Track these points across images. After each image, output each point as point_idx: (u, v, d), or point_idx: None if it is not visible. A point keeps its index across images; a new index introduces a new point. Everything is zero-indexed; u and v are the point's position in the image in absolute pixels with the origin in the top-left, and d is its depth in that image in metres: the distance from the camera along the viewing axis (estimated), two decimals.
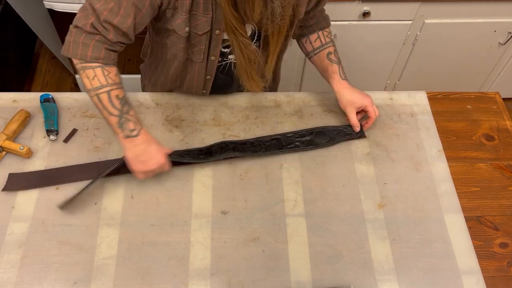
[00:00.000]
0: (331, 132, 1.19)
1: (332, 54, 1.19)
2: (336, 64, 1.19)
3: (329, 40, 1.21)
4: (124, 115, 0.99)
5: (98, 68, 0.98)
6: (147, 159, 1.01)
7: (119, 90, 1.00)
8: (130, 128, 0.99)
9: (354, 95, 1.16)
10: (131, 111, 1.01)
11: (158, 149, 1.02)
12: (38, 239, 1.00)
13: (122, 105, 0.99)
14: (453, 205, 1.08)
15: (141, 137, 1.00)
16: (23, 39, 2.41)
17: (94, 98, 0.99)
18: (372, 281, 0.98)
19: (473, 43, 1.94)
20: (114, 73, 1.00)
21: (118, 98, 0.99)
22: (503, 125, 1.25)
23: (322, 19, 1.20)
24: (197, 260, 0.99)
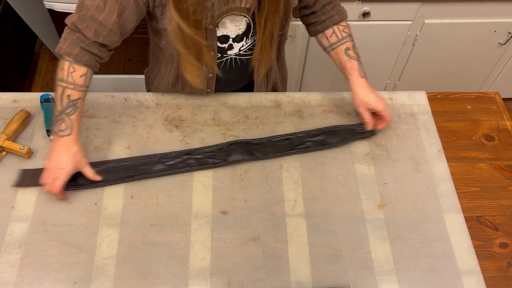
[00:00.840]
0: (343, 132, 1.18)
1: (350, 50, 1.17)
2: (355, 60, 1.16)
3: (346, 35, 1.18)
4: (64, 115, 1.02)
5: (67, 62, 1.02)
6: (52, 159, 1.02)
7: (75, 91, 1.02)
8: (61, 128, 1.02)
9: (370, 96, 1.14)
10: (73, 116, 1.02)
11: (67, 160, 1.01)
12: (38, 239, 1.00)
13: (68, 106, 1.02)
14: (453, 205, 1.08)
15: (66, 139, 1.02)
16: (23, 39, 2.41)
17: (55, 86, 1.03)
18: (372, 281, 0.98)
19: (473, 43, 1.94)
20: (79, 73, 1.02)
21: (69, 99, 1.02)
22: (503, 125, 1.25)
23: (336, 13, 1.16)
24: (197, 260, 0.99)
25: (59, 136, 1.02)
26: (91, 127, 1.18)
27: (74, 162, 1.02)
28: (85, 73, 1.03)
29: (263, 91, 1.28)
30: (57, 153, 1.02)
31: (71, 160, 1.02)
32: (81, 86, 1.03)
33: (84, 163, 1.05)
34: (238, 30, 1.08)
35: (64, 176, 1.01)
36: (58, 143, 1.02)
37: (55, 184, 1.01)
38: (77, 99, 1.03)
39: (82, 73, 1.02)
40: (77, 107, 1.03)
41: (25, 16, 1.96)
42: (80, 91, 1.03)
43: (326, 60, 2.00)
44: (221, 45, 1.10)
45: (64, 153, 1.02)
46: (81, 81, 1.03)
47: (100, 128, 1.18)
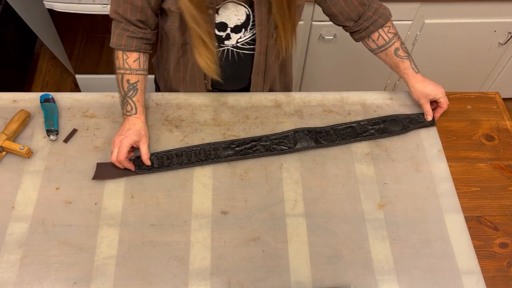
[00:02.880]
0: (404, 120, 1.21)
1: (400, 50, 1.20)
2: (407, 59, 1.19)
3: (392, 36, 1.20)
4: (127, 98, 1.13)
5: (120, 51, 1.13)
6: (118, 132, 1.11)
7: (132, 75, 1.13)
8: (128, 109, 1.13)
9: (429, 87, 1.18)
10: (135, 97, 1.13)
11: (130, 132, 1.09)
12: (38, 239, 1.00)
13: (128, 89, 1.13)
14: (453, 205, 1.08)
15: (132, 118, 1.12)
16: (23, 39, 2.41)
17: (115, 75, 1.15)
18: (372, 281, 0.98)
19: (473, 43, 1.94)
20: (133, 59, 1.13)
21: (128, 83, 1.13)
22: (503, 125, 1.25)
23: (379, 17, 1.17)
24: (197, 260, 0.99)
25: (127, 116, 1.13)
26: (91, 127, 1.18)
27: (136, 134, 1.10)
28: (138, 58, 1.13)
29: (259, 91, 1.29)
30: (124, 127, 1.11)
31: (134, 132, 1.10)
32: (137, 70, 1.13)
33: (145, 139, 1.12)
34: (237, 20, 1.09)
35: (126, 144, 1.08)
36: (126, 121, 1.12)
37: (120, 152, 1.07)
38: (136, 81, 1.13)
39: (135, 58, 1.13)
40: (137, 89, 1.13)
41: (25, 16, 1.96)
42: (137, 75, 1.13)
43: (326, 60, 2.01)
44: (218, 33, 1.11)
45: (129, 126, 1.11)
46: (136, 65, 1.13)
47: (100, 128, 1.18)
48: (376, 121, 1.21)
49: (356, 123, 1.20)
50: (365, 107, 1.25)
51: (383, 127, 1.20)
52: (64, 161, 1.12)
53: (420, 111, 1.25)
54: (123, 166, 1.09)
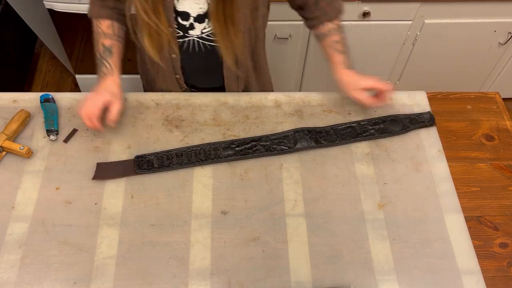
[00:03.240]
0: (404, 120, 1.21)
1: (338, 43, 1.18)
2: (342, 54, 1.18)
3: (336, 27, 1.19)
4: (103, 60, 1.16)
5: (94, 20, 1.18)
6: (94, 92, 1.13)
7: (106, 39, 1.16)
8: (104, 71, 1.16)
9: (356, 78, 1.17)
10: (110, 59, 1.16)
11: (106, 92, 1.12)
12: (38, 239, 1.00)
13: (103, 51, 1.16)
14: (453, 205, 1.08)
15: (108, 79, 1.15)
16: (23, 39, 2.41)
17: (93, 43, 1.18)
18: (372, 281, 0.98)
19: (473, 43, 1.94)
20: (105, 25, 1.17)
21: (103, 46, 1.16)
22: (503, 125, 1.25)
23: (331, 10, 1.17)
24: (197, 260, 0.99)
25: (102, 77, 1.15)
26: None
27: (111, 94, 1.12)
28: (111, 25, 1.17)
29: (234, 89, 1.27)
30: (99, 87, 1.14)
31: (110, 93, 1.12)
32: (111, 35, 1.17)
33: (118, 100, 1.13)
34: (199, 9, 1.08)
35: (100, 100, 1.10)
36: (101, 81, 1.15)
37: (93, 107, 1.09)
38: (110, 46, 1.16)
39: (108, 24, 1.17)
40: (112, 53, 1.16)
41: (25, 16, 1.96)
42: (111, 39, 1.17)
43: (326, 60, 2.01)
44: (182, 22, 1.10)
45: (105, 87, 1.14)
46: (110, 31, 1.17)
47: None
48: (376, 121, 1.21)
49: (356, 123, 1.20)
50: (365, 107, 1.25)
51: (383, 127, 1.20)
52: (64, 161, 1.12)
53: (420, 111, 1.25)
54: (92, 124, 1.10)
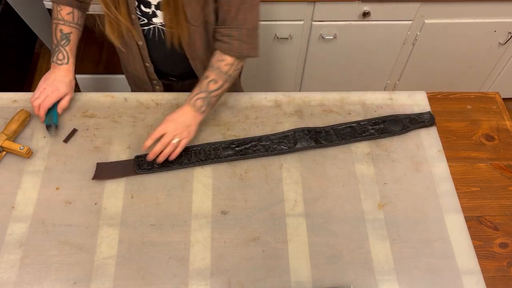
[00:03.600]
0: (404, 120, 1.21)
1: (209, 80, 1.10)
2: (202, 94, 1.10)
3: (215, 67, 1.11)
4: (59, 46, 1.16)
5: (55, 4, 1.17)
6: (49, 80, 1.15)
7: (65, 26, 1.16)
8: (59, 57, 1.16)
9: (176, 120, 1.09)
10: (67, 46, 1.16)
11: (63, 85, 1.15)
12: (38, 239, 1.00)
13: (61, 38, 1.16)
14: (453, 205, 1.08)
15: (63, 67, 1.16)
16: (23, 39, 2.41)
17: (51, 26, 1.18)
18: (372, 281, 0.98)
19: (473, 43, 1.94)
20: (66, 11, 1.16)
21: (61, 32, 1.16)
22: (503, 125, 1.25)
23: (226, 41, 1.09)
24: (197, 260, 0.99)
25: (57, 65, 1.16)
26: (91, 127, 1.18)
27: (66, 87, 1.15)
28: (71, 12, 1.17)
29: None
30: (54, 76, 1.15)
31: (66, 86, 1.15)
32: (70, 22, 1.17)
33: (72, 92, 1.18)
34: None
35: (55, 98, 1.14)
36: (56, 69, 1.15)
37: (46, 101, 1.13)
38: (69, 33, 1.17)
39: (68, 11, 1.17)
40: (70, 40, 1.17)
41: (25, 16, 1.96)
42: (70, 27, 1.17)
43: (326, 60, 2.02)
44: (145, 10, 1.10)
45: (61, 77, 1.15)
46: (69, 18, 1.17)
47: (100, 128, 1.18)
48: (376, 121, 1.21)
49: (356, 123, 1.20)
50: (365, 107, 1.25)
51: (383, 127, 1.20)
52: (64, 161, 1.12)
53: (420, 111, 1.25)
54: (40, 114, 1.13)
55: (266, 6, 1.74)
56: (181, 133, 1.08)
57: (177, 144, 1.08)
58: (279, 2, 1.73)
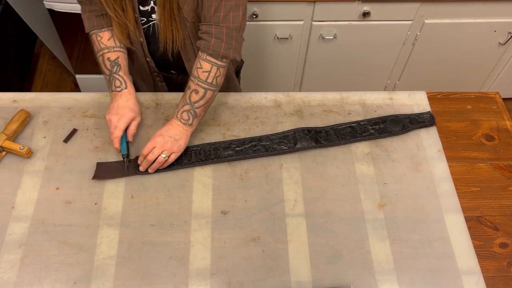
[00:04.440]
0: (404, 120, 1.21)
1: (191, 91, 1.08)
2: (186, 105, 1.08)
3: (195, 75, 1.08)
4: (113, 74, 1.14)
5: (93, 35, 1.16)
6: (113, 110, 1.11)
7: (110, 53, 1.15)
8: (117, 85, 1.14)
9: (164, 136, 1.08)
10: (120, 71, 1.14)
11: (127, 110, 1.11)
12: (38, 239, 1.00)
13: (112, 66, 1.14)
14: (453, 205, 1.08)
15: (124, 92, 1.14)
16: (23, 39, 2.41)
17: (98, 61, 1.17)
18: (372, 281, 0.98)
19: (473, 43, 1.94)
20: (106, 37, 1.15)
21: (109, 61, 1.14)
22: (503, 125, 1.25)
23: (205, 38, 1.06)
24: (197, 260, 0.99)
25: (117, 92, 1.13)
26: (91, 127, 1.18)
27: (132, 111, 1.12)
28: (111, 36, 1.15)
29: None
30: (117, 104, 1.12)
31: (130, 110, 1.12)
32: (113, 47, 1.15)
33: (139, 116, 1.14)
34: None
35: (123, 125, 1.09)
36: (117, 97, 1.13)
37: (116, 132, 1.09)
38: (116, 58, 1.15)
39: (108, 36, 1.16)
40: (120, 64, 1.15)
41: (25, 16, 1.96)
42: (115, 52, 1.15)
43: (326, 60, 2.01)
44: (143, 8, 1.10)
45: (124, 103, 1.12)
46: (111, 43, 1.15)
47: (100, 128, 1.18)
48: (376, 121, 1.21)
49: (356, 123, 1.20)
50: (365, 107, 1.25)
51: (383, 127, 1.20)
52: (64, 161, 1.12)
53: (420, 111, 1.25)
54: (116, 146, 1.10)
55: (266, 6, 1.74)
56: (170, 148, 1.07)
57: (164, 160, 1.08)
58: (279, 2, 1.73)
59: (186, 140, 1.11)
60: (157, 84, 1.35)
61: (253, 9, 1.75)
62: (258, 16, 1.78)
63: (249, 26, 1.76)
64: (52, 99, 1.23)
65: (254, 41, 1.88)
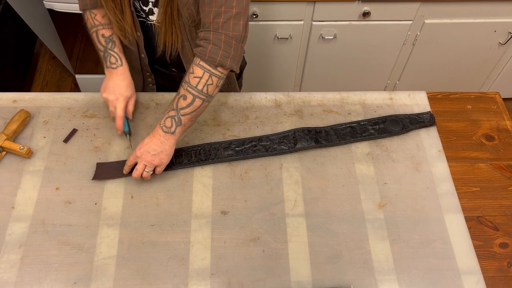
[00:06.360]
0: (404, 120, 1.21)
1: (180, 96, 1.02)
2: (172, 111, 1.03)
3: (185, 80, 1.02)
4: (108, 50, 1.13)
5: (87, 12, 1.15)
6: (110, 88, 1.12)
7: (105, 29, 1.14)
8: (112, 61, 1.13)
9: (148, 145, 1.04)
10: (115, 48, 1.14)
11: (125, 88, 1.12)
12: (38, 239, 1.00)
13: (106, 42, 1.14)
14: (453, 205, 1.08)
15: (119, 70, 1.13)
16: (23, 39, 2.41)
17: (91, 37, 1.16)
18: (372, 281, 0.98)
19: (473, 43, 1.94)
20: (101, 15, 1.14)
21: (104, 37, 1.14)
22: (503, 125, 1.25)
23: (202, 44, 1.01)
24: (197, 260, 0.99)
25: (112, 69, 1.13)
26: (91, 127, 1.18)
27: (128, 89, 1.13)
28: (106, 14, 1.12)
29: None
30: (113, 82, 1.12)
31: (128, 88, 1.13)
32: (108, 24, 1.14)
33: (135, 94, 1.16)
34: None
35: (122, 104, 1.11)
36: (113, 75, 1.13)
37: (118, 113, 1.10)
38: (111, 34, 1.14)
39: (103, 14, 1.14)
40: (115, 41, 1.14)
41: (25, 16, 1.95)
42: (110, 29, 1.14)
43: (326, 60, 2.02)
44: (143, 7, 1.10)
45: (121, 81, 1.12)
46: (106, 20, 1.14)
47: (100, 128, 1.18)
48: (376, 121, 1.21)
49: (356, 123, 1.20)
50: (365, 107, 1.25)
51: (383, 127, 1.20)
52: (64, 161, 1.12)
53: (420, 111, 1.25)
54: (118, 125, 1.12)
55: (266, 6, 1.74)
56: (151, 162, 1.03)
57: (150, 174, 1.06)
58: (279, 2, 1.73)
59: (169, 152, 1.04)
60: (147, 85, 1.34)
61: (253, 9, 1.75)
62: (258, 16, 1.78)
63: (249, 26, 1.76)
64: (52, 99, 1.23)
65: (254, 41, 1.88)
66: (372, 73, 2.10)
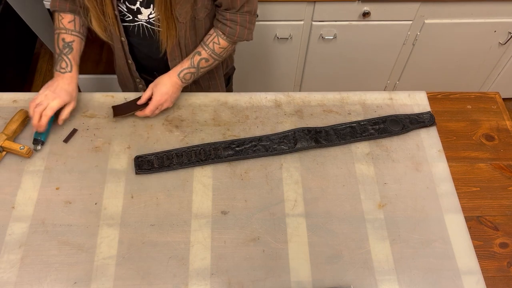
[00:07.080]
0: (404, 120, 1.21)
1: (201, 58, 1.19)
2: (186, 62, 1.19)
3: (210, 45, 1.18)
4: (62, 55, 1.15)
5: (56, 13, 1.18)
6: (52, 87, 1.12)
7: (67, 35, 1.17)
8: (63, 66, 1.15)
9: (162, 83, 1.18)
10: (70, 55, 1.16)
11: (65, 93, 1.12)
12: (38, 239, 1.00)
13: (63, 47, 1.16)
14: (453, 205, 1.08)
15: (67, 75, 1.14)
16: (23, 39, 2.41)
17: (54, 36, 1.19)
18: (372, 281, 0.98)
19: (473, 43, 1.94)
20: (67, 20, 1.17)
21: (63, 41, 1.16)
22: (503, 125, 1.25)
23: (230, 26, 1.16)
24: (197, 260, 0.99)
25: (60, 73, 1.14)
26: (91, 127, 1.18)
27: (68, 95, 1.13)
28: (73, 20, 1.17)
29: None
30: (57, 84, 1.13)
31: (68, 94, 1.13)
32: (72, 30, 1.17)
33: (74, 101, 1.16)
34: None
35: (57, 105, 1.11)
36: (60, 78, 1.14)
37: (48, 110, 1.10)
38: (71, 41, 1.17)
39: (70, 19, 1.17)
40: (73, 48, 1.16)
41: (25, 16, 1.96)
42: (72, 35, 1.17)
43: (326, 60, 2.02)
44: (130, 6, 1.10)
45: (64, 85, 1.13)
46: (71, 26, 1.17)
47: (100, 128, 1.18)
48: (376, 121, 1.21)
49: (356, 123, 1.20)
50: (365, 107, 1.25)
51: (383, 127, 1.20)
52: (64, 161, 1.12)
53: (420, 111, 1.25)
54: (39, 124, 1.09)
55: (266, 6, 1.74)
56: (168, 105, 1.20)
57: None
58: (279, 2, 1.73)
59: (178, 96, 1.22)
60: (140, 91, 1.34)
61: None
62: (258, 16, 1.77)
63: None
64: None
65: (254, 41, 1.87)
66: (372, 73, 2.10)
